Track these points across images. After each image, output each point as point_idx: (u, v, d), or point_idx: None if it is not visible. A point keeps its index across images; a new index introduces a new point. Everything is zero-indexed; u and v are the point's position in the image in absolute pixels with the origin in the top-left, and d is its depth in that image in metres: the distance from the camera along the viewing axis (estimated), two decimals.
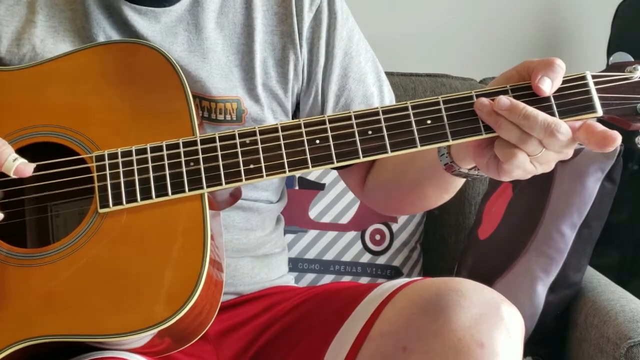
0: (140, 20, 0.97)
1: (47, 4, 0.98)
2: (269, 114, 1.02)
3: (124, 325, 0.77)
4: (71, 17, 0.98)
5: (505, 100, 0.79)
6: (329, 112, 1.05)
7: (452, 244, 1.67)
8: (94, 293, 0.79)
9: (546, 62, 0.80)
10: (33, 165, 0.80)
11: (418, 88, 1.71)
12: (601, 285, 1.34)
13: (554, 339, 1.36)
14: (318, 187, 1.56)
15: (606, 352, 1.17)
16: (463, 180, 0.93)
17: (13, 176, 0.79)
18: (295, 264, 1.52)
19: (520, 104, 0.78)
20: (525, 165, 0.79)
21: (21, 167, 0.79)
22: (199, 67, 0.98)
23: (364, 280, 1.56)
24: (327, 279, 1.55)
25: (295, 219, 1.54)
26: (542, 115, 0.77)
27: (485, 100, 0.80)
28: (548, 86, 0.79)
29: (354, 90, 1.06)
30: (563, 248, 1.32)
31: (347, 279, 1.55)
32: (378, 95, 1.08)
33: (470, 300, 0.81)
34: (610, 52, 1.90)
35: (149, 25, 0.98)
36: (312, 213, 1.55)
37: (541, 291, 1.32)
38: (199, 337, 0.84)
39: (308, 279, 1.54)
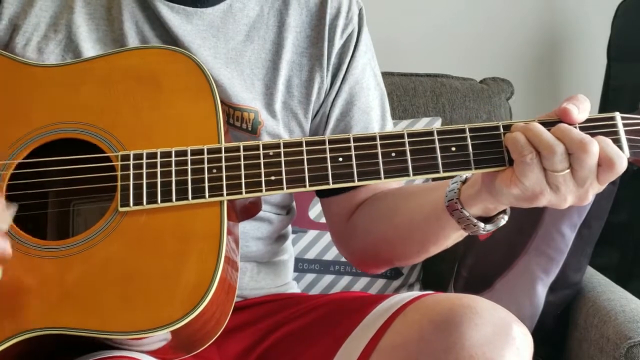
0: (172, 17, 0.99)
1: None
2: (285, 132, 1.03)
3: (132, 324, 0.77)
4: (107, 6, 1.00)
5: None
6: (327, 134, 1.05)
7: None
8: (107, 290, 0.79)
9: (569, 97, 0.81)
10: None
11: (418, 88, 1.70)
12: (601, 285, 1.34)
13: (554, 339, 1.36)
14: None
15: (606, 352, 1.17)
16: (454, 233, 0.92)
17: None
18: (295, 264, 1.52)
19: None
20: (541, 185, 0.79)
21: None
22: (222, 73, 0.99)
23: (364, 280, 1.56)
24: (327, 279, 1.55)
25: (295, 219, 1.54)
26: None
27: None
28: (575, 109, 0.79)
29: (356, 119, 1.06)
30: (563, 248, 1.32)
31: (346, 279, 1.55)
32: None
33: (483, 318, 0.81)
34: (610, 52, 1.90)
35: (181, 24, 0.99)
36: (312, 213, 1.55)
37: (541, 291, 1.32)
38: (209, 344, 0.85)
39: (308, 279, 1.54)
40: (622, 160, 0.78)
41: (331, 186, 0.82)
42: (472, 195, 0.86)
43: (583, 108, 0.81)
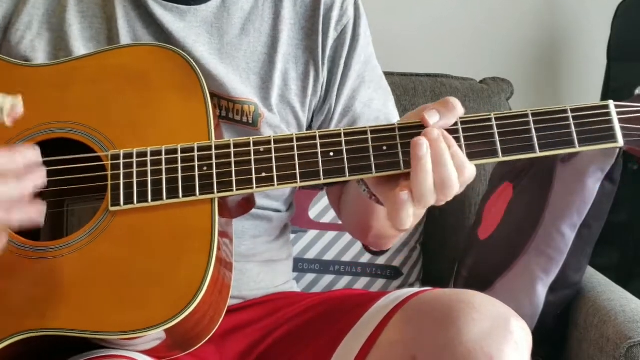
0: (165, 15, 0.99)
1: None
2: (283, 125, 1.03)
3: (125, 324, 0.77)
4: (101, 4, 1.00)
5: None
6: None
7: (452, 244, 1.66)
8: (98, 290, 0.79)
9: (441, 101, 0.80)
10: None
11: (418, 88, 1.70)
12: (601, 285, 1.34)
13: (553, 339, 1.36)
14: (318, 187, 1.56)
15: (606, 352, 1.17)
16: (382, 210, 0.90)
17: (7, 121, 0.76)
18: (295, 264, 1.52)
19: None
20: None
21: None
22: (218, 68, 0.99)
23: (364, 280, 1.56)
24: (327, 279, 1.55)
25: (295, 219, 1.53)
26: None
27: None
28: (434, 118, 0.79)
29: (359, 112, 1.06)
30: (563, 248, 1.32)
31: (347, 279, 1.55)
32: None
33: (481, 313, 0.81)
34: (610, 52, 1.90)
35: (174, 21, 0.99)
36: (312, 213, 1.55)
37: (541, 291, 1.32)
38: (203, 342, 0.84)
39: (308, 279, 1.54)
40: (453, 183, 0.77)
41: (322, 182, 0.82)
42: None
43: (447, 118, 0.80)
